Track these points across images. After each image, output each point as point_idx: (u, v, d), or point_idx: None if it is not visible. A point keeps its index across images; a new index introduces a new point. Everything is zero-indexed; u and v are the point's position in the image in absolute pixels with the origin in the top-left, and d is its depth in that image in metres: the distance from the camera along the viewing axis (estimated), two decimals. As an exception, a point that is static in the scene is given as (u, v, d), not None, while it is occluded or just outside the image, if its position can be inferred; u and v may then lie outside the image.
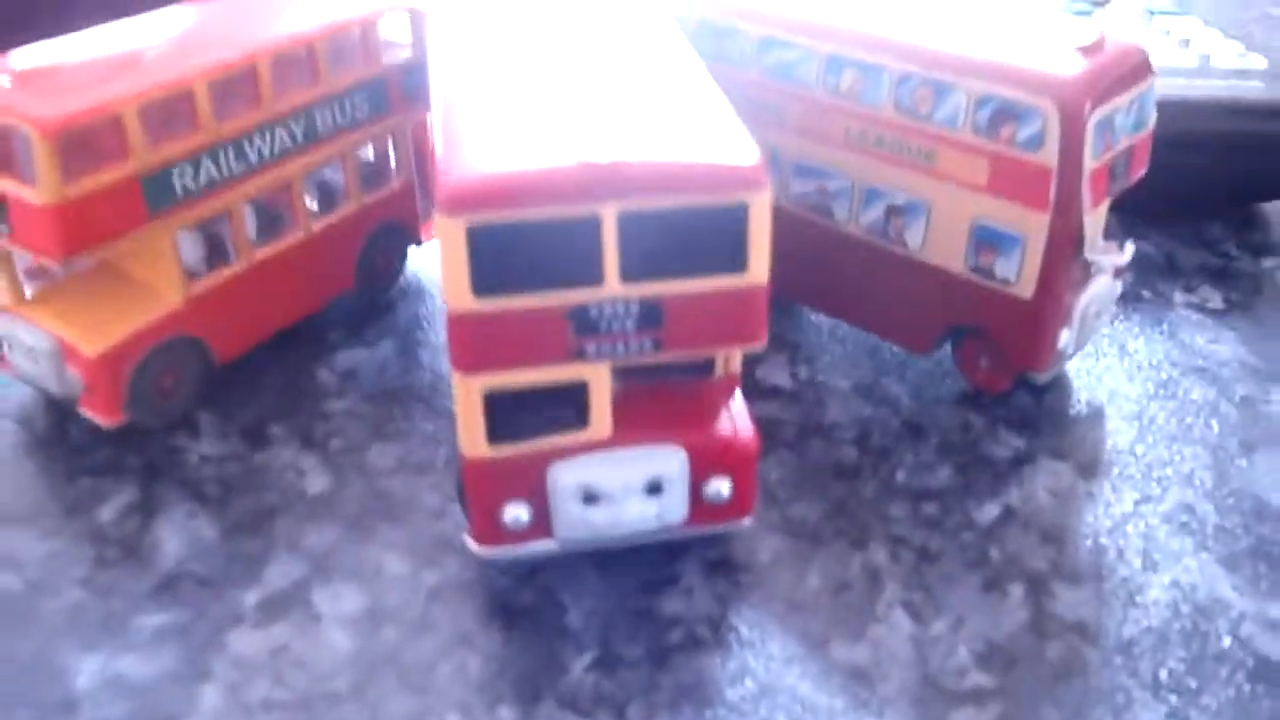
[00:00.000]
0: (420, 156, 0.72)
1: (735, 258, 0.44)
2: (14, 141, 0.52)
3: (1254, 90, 0.81)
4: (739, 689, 0.47)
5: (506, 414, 0.46)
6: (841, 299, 0.67)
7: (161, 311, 0.59)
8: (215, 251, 0.62)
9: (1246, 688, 0.47)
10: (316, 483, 0.58)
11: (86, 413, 0.58)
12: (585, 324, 0.44)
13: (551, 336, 0.44)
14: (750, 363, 0.65)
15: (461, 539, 0.54)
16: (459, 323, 0.44)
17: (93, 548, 0.54)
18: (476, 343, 0.44)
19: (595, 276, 0.44)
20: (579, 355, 0.45)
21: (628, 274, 0.44)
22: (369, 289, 0.71)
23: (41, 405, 0.63)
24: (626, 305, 0.44)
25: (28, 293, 0.59)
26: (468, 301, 0.43)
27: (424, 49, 0.68)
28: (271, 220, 0.64)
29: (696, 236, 0.44)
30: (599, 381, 0.46)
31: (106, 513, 0.56)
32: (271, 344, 0.66)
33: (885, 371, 0.66)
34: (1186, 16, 0.95)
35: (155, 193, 0.56)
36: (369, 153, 0.70)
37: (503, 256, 0.43)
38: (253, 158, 0.60)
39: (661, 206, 0.43)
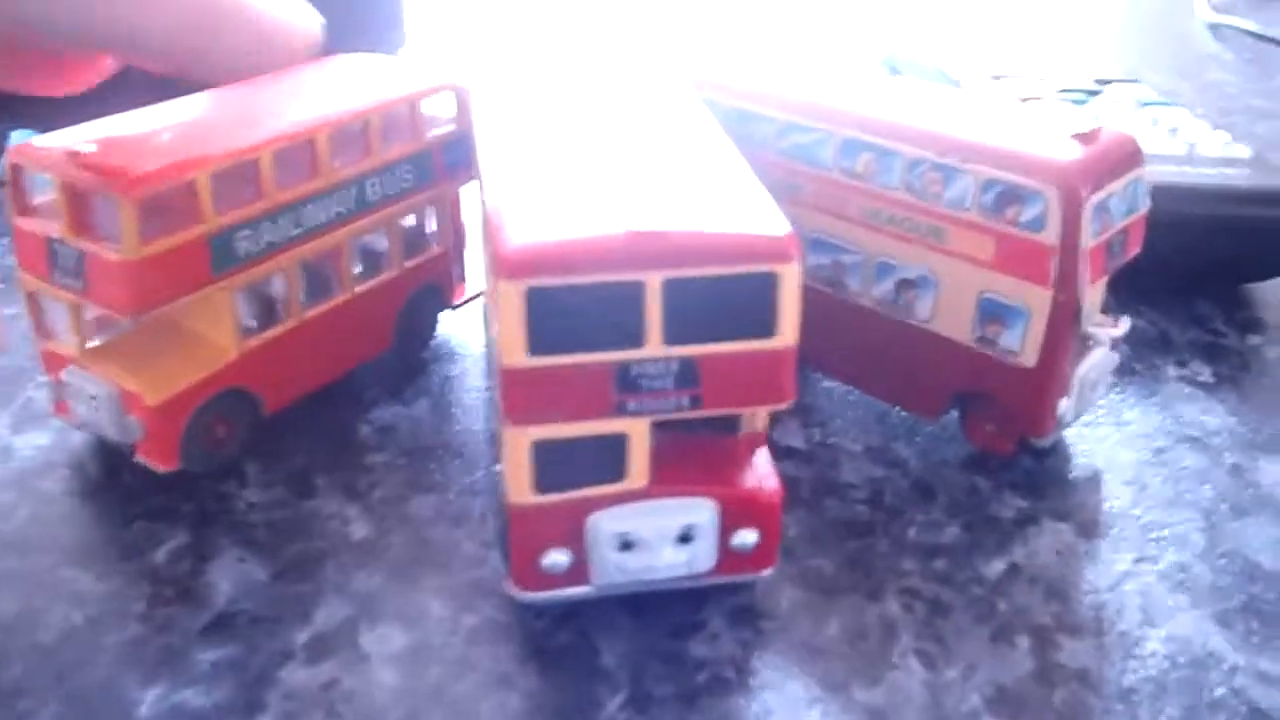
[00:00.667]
0: (456, 226, 0.76)
1: (767, 322, 0.48)
2: (96, 203, 0.56)
3: (1240, 177, 0.87)
4: (767, 712, 0.50)
5: (552, 464, 0.50)
6: (853, 366, 0.71)
7: (217, 365, 0.62)
8: (266, 309, 0.66)
9: (1240, 734, 0.50)
10: (360, 530, 0.61)
11: (143, 459, 0.62)
12: (628, 382, 0.48)
13: (597, 392, 0.48)
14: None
15: (498, 584, 0.57)
16: (513, 378, 0.48)
17: (149, 587, 0.57)
18: (528, 397, 0.48)
19: (639, 338, 0.47)
20: (621, 410, 0.49)
21: (669, 336, 0.48)
22: (405, 349, 0.75)
23: (95, 452, 0.66)
24: (667, 365, 0.48)
25: (91, 344, 0.63)
26: (522, 359, 0.47)
27: (466, 124, 0.72)
28: (319, 281, 0.68)
29: (732, 302, 0.48)
30: (638, 436, 0.50)
31: (161, 555, 0.59)
32: (313, 400, 0.70)
33: (894, 436, 0.70)
34: (1175, 107, 1.01)
35: (221, 254, 0.60)
36: (409, 220, 0.74)
37: (556, 318, 0.47)
38: (307, 223, 0.64)
39: (701, 274, 0.47)
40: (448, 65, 0.74)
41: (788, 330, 0.49)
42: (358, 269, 0.70)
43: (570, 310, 0.47)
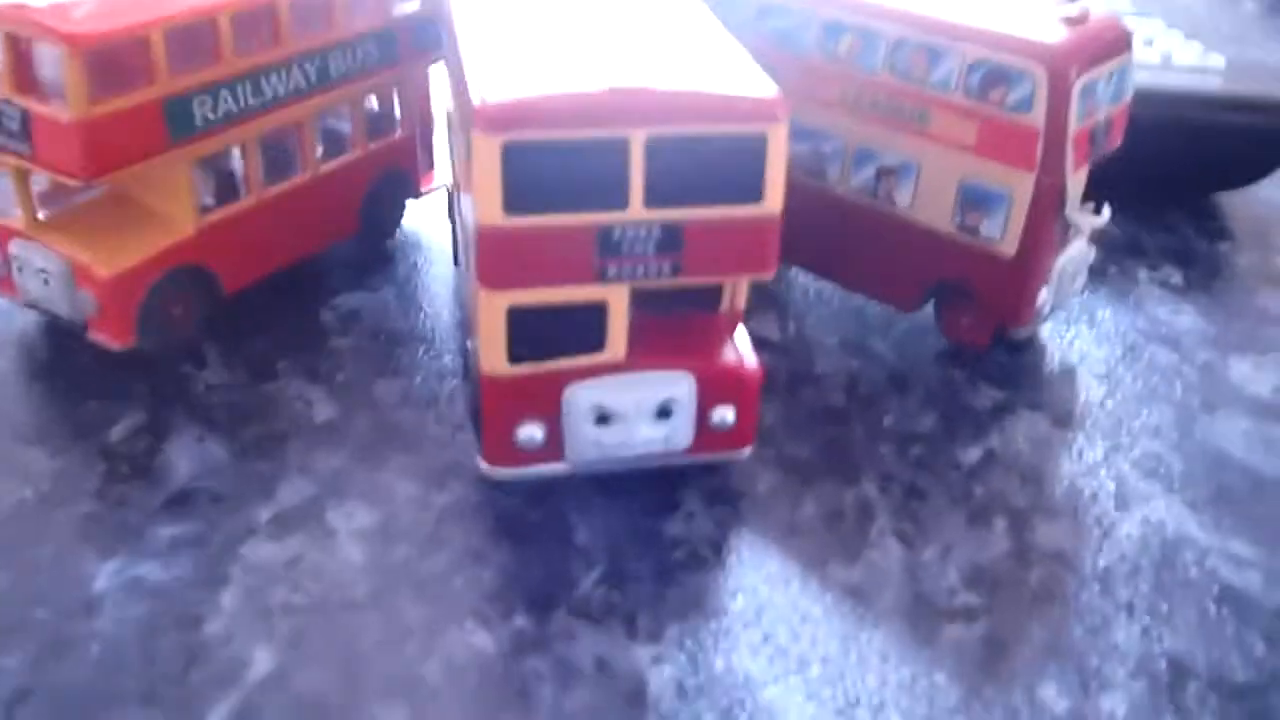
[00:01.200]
0: (423, 111, 0.73)
1: (753, 187, 0.47)
2: (42, 59, 0.53)
3: (1214, 85, 0.86)
4: (742, 602, 0.49)
5: (527, 333, 0.48)
6: (829, 258, 0.70)
7: (174, 239, 0.60)
8: (225, 186, 0.63)
9: (1213, 610, 0.50)
10: (324, 412, 0.59)
11: (96, 336, 0.59)
12: (609, 245, 0.46)
13: (576, 256, 0.46)
14: (742, 316, 0.67)
15: (468, 465, 0.55)
16: (488, 239, 0.46)
17: (104, 464, 0.54)
18: (504, 260, 0.46)
19: (621, 200, 0.46)
20: (601, 276, 0.47)
21: (652, 199, 0.46)
22: (371, 235, 0.72)
23: (44, 331, 0.63)
24: (649, 229, 0.46)
25: (40, 216, 0.60)
26: (498, 218, 0.45)
27: (433, 3, 0.69)
28: (281, 159, 0.65)
29: (717, 165, 0.46)
30: (618, 303, 0.48)
31: (116, 433, 0.57)
32: (274, 285, 0.67)
33: (869, 330, 0.69)
34: (1150, 18, 1.00)
35: (176, 120, 0.57)
36: (374, 103, 0.71)
37: (534, 176, 0.45)
38: (268, 95, 0.61)
39: (687, 133, 0.45)
40: None
41: (773, 196, 0.47)
42: (320, 150, 0.68)
43: (549, 168, 0.45)
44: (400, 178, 0.73)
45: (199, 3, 0.57)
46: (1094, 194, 0.65)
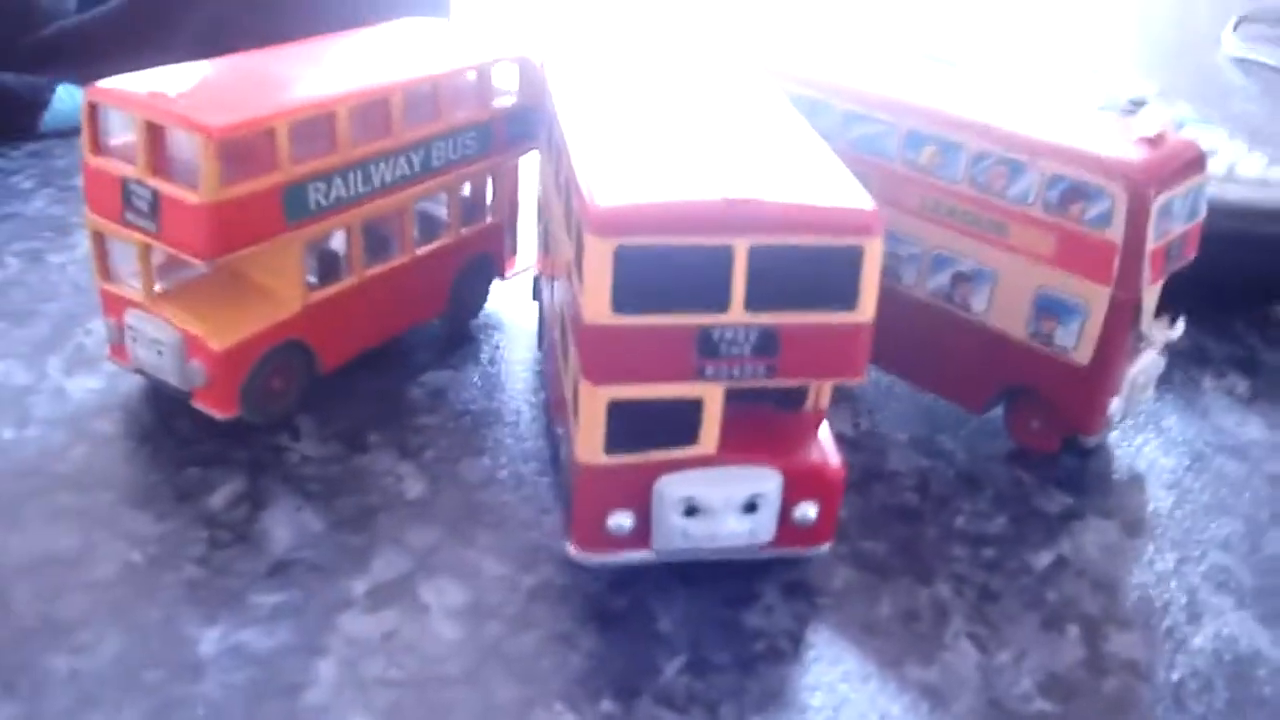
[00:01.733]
0: (512, 198, 0.77)
1: (848, 295, 0.49)
2: (175, 144, 0.57)
3: (1277, 196, 0.88)
4: (820, 698, 0.50)
5: (624, 425, 0.50)
6: (902, 358, 0.71)
7: (281, 316, 0.63)
8: (328, 266, 0.66)
9: (1289, 729, 0.51)
10: (414, 488, 0.61)
11: (200, 405, 0.62)
12: (708, 346, 0.49)
13: (677, 355, 0.49)
14: (816, 410, 0.69)
15: (554, 548, 0.57)
16: (595, 335, 0.48)
17: (206, 530, 0.57)
18: (608, 355, 0.49)
19: (722, 303, 0.48)
20: (700, 374, 0.49)
21: (752, 303, 0.48)
22: (457, 316, 0.75)
23: (148, 397, 0.66)
24: (748, 331, 0.49)
25: (156, 289, 0.63)
26: (606, 316, 0.47)
27: (529, 96, 0.73)
28: (380, 241, 0.68)
29: (815, 273, 0.48)
30: (713, 401, 0.50)
31: (216, 500, 0.59)
32: (364, 360, 0.70)
33: (939, 428, 0.71)
34: (1214, 126, 1.02)
35: (293, 205, 0.60)
36: (468, 188, 0.74)
37: (642, 277, 0.47)
38: (376, 182, 0.64)
39: (788, 243, 0.47)
40: (512, 36, 0.74)
41: (867, 305, 0.49)
42: (416, 233, 0.71)
43: (657, 271, 0.47)
44: (488, 261, 0.76)
45: (321, 95, 0.60)
46: (1161, 303, 0.66)
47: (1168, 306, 0.66)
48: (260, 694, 0.48)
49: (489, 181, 0.74)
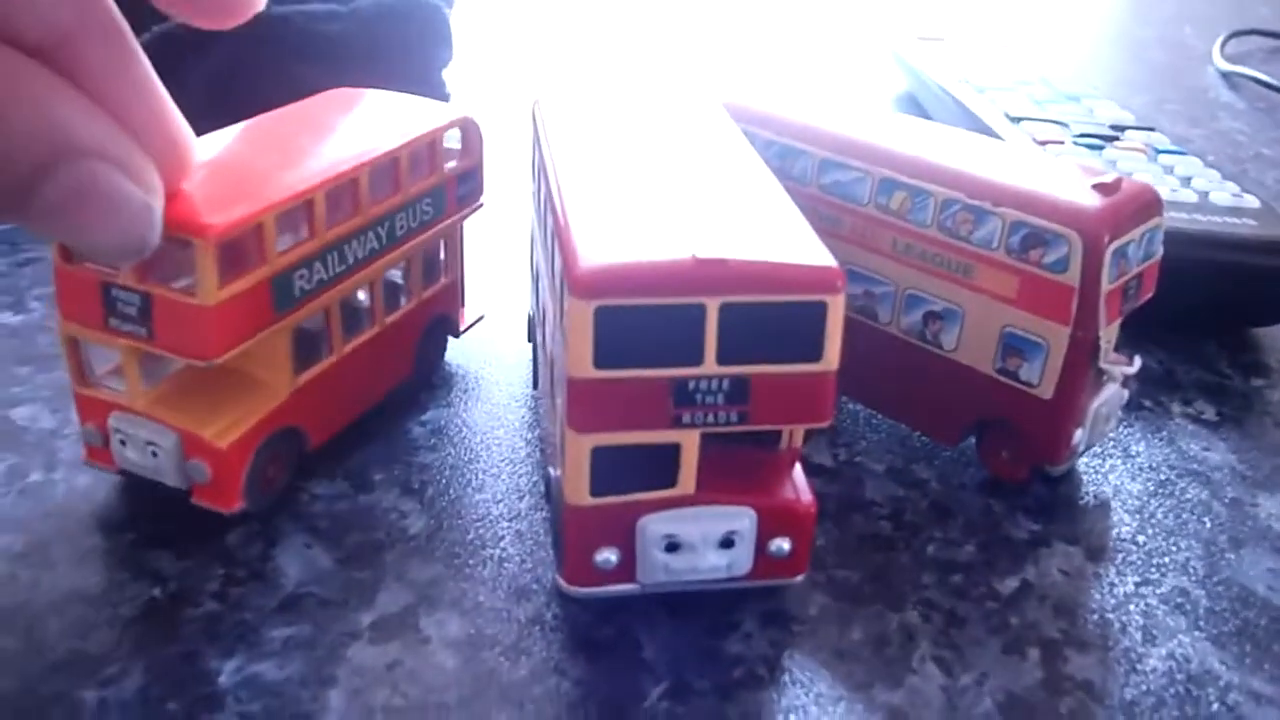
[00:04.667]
0: (459, 255, 0.79)
1: (814, 347, 0.53)
2: (167, 249, 0.54)
3: (1247, 226, 0.91)
4: (794, 708, 0.54)
5: (608, 469, 0.54)
6: (879, 392, 0.75)
7: (273, 404, 0.64)
8: (308, 348, 0.67)
9: (1233, 746, 0.54)
10: (416, 524, 0.65)
11: (202, 503, 0.62)
12: (684, 396, 0.53)
13: (654, 405, 0.53)
14: (797, 442, 0.73)
15: (545, 581, 0.61)
16: (579, 389, 0.52)
17: (222, 568, 0.61)
18: (592, 406, 0.52)
19: (696, 356, 0.52)
20: (676, 422, 0.53)
21: (723, 356, 0.52)
22: (421, 376, 0.78)
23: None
24: (720, 382, 0.53)
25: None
26: (589, 371, 0.51)
27: (473, 155, 0.76)
28: (353, 316, 0.70)
29: (782, 328, 0.52)
30: (689, 446, 0.54)
31: (232, 539, 0.63)
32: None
33: (915, 458, 0.74)
34: (1188, 156, 1.06)
35: (280, 295, 0.61)
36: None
37: (621, 334, 0.51)
38: (350, 260, 0.66)
39: (757, 300, 0.51)
40: (451, 101, 0.77)
41: (831, 355, 0.53)
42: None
43: (635, 328, 0.51)
44: (446, 319, 0.79)
45: (300, 182, 0.61)
46: (1131, 328, 0.70)
47: (1135, 332, 0.70)
48: (274, 723, 0.52)
49: (442, 243, 0.77)
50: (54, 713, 0.52)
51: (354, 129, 0.70)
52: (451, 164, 0.75)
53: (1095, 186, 0.66)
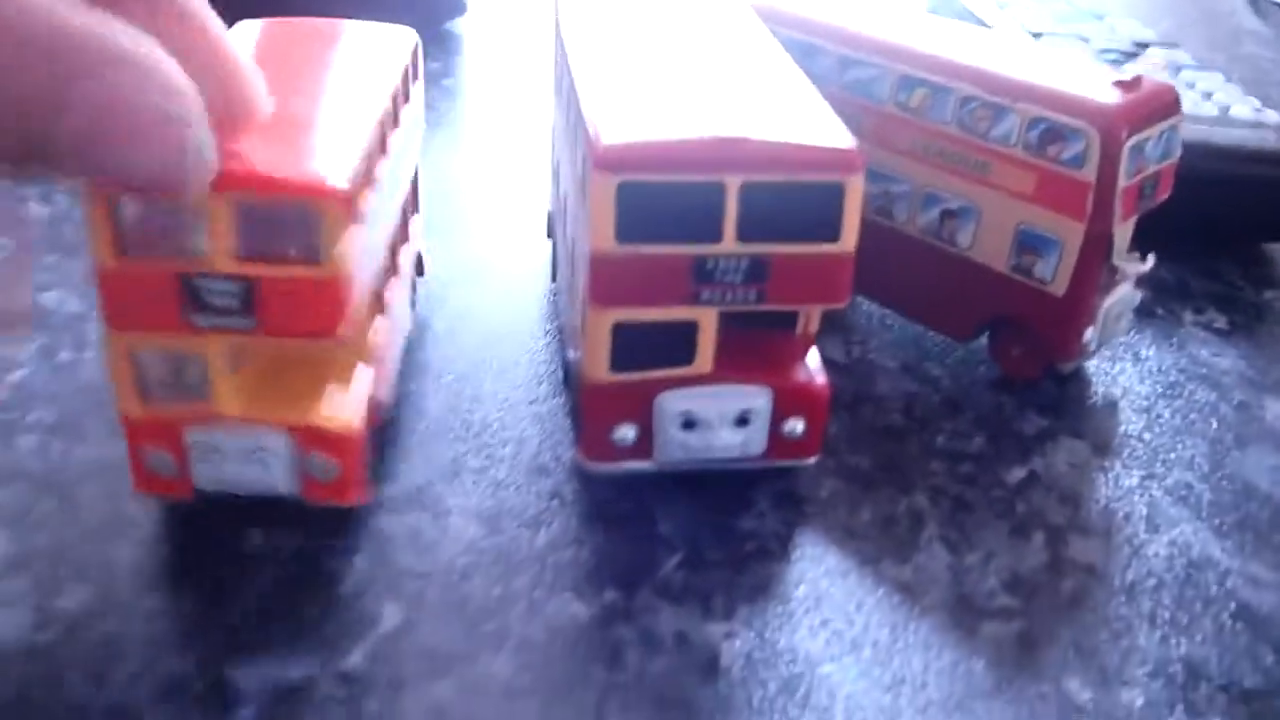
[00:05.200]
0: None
1: (832, 228, 0.54)
2: (275, 222, 0.48)
3: (1267, 140, 0.91)
4: (804, 590, 0.56)
5: (628, 346, 0.55)
6: (894, 290, 0.76)
7: (367, 372, 0.57)
8: None
9: (1229, 624, 0.56)
10: (436, 407, 0.67)
11: (324, 502, 0.55)
12: (703, 273, 0.54)
13: (674, 282, 0.54)
14: (811, 339, 0.74)
15: (565, 459, 0.63)
16: (600, 263, 0.53)
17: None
18: (612, 282, 0.54)
19: (716, 234, 0.53)
20: (695, 299, 0.54)
21: (743, 234, 0.53)
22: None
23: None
24: (739, 260, 0.53)
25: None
26: (610, 246, 0.52)
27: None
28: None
29: (801, 207, 0.53)
30: (707, 324, 0.55)
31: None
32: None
33: (928, 356, 0.75)
34: (1210, 73, 1.05)
35: (370, 252, 0.55)
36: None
37: (643, 210, 0.52)
38: (394, 204, 0.63)
39: (776, 180, 0.52)
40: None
41: (849, 236, 0.54)
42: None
43: (656, 204, 0.52)
44: (419, 259, 0.75)
45: (353, 128, 0.54)
46: (1147, 240, 0.70)
47: (1152, 243, 0.71)
48: (301, 585, 0.54)
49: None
50: (92, 570, 0.54)
51: (345, 63, 0.62)
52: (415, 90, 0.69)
53: (1116, 84, 0.66)
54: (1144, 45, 1.13)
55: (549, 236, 0.79)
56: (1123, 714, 0.51)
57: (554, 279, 0.78)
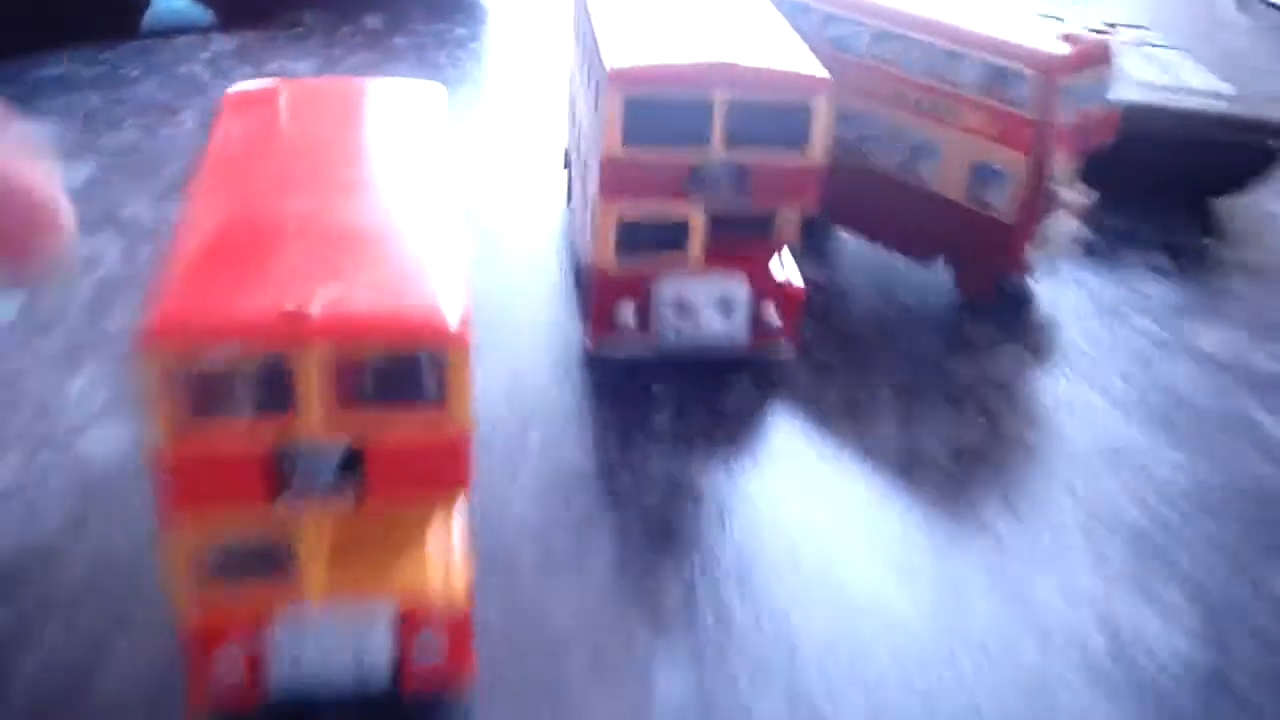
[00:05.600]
0: None
1: (804, 141, 0.64)
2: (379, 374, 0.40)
3: (1218, 106, 1.01)
4: (775, 441, 0.66)
5: (631, 238, 0.66)
6: (867, 221, 0.86)
7: (458, 522, 0.49)
8: None
9: (1136, 488, 0.66)
10: (467, 303, 0.77)
11: (422, 692, 0.46)
12: (695, 175, 0.64)
13: (670, 180, 0.64)
14: (794, 261, 0.84)
15: (575, 347, 0.73)
16: (610, 164, 0.64)
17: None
18: (619, 179, 0.64)
19: (706, 141, 0.63)
20: (688, 196, 0.65)
21: (729, 142, 0.63)
22: None
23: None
24: (725, 166, 0.64)
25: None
26: (617, 149, 0.63)
27: None
28: None
29: (778, 122, 0.63)
30: (697, 220, 0.66)
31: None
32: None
33: (895, 280, 0.86)
34: (1175, 50, 1.15)
35: None
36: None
37: (645, 119, 0.62)
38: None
39: (757, 99, 0.62)
40: None
41: (818, 149, 0.64)
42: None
43: (656, 115, 0.62)
44: None
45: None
46: (1107, 191, 0.80)
47: (1111, 197, 0.80)
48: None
49: None
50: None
51: (393, 145, 0.52)
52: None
53: (1061, 36, 0.76)
54: (1113, 25, 1.23)
55: (565, 167, 0.90)
56: (1035, 546, 0.61)
57: (569, 201, 0.89)
